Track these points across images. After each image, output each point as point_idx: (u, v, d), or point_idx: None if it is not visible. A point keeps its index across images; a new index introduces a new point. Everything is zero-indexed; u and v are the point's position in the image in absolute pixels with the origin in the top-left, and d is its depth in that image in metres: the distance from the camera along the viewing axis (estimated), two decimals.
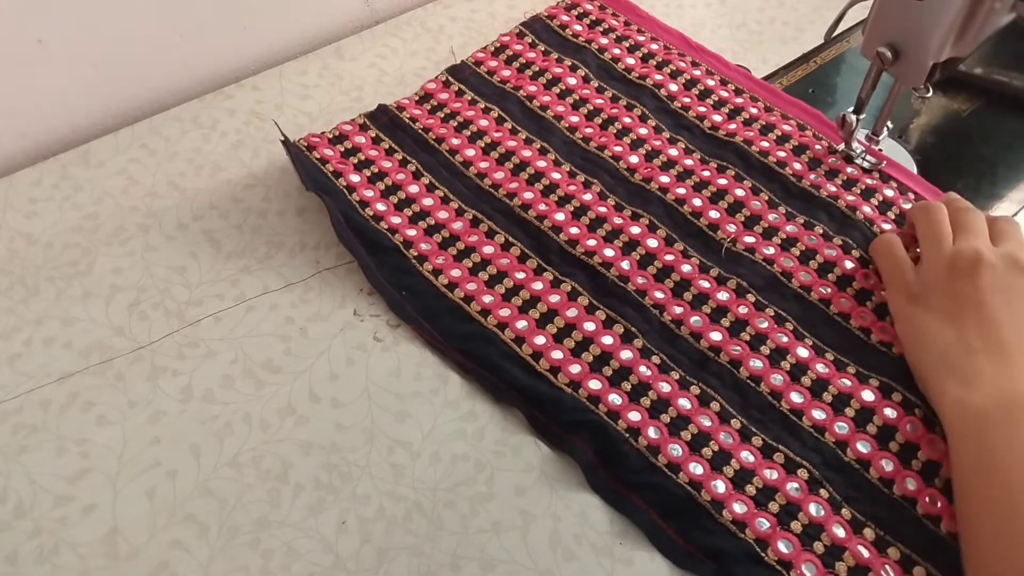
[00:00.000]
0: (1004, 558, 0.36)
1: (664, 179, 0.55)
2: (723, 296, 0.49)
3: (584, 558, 0.40)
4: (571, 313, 0.48)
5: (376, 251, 0.51)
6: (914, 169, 0.57)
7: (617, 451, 0.42)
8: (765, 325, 0.47)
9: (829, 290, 0.49)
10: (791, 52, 0.66)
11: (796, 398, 0.45)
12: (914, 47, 0.48)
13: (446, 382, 0.46)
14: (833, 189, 0.54)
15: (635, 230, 0.52)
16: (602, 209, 0.53)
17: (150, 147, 0.57)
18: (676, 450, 0.43)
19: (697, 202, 0.53)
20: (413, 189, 0.54)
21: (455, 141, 0.57)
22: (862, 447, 0.43)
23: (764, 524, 0.40)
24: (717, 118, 0.59)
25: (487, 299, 0.49)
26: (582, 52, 0.63)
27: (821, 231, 0.52)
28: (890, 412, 0.44)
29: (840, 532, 0.40)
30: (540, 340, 0.47)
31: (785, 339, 0.47)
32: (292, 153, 0.54)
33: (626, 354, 0.46)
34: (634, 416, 0.44)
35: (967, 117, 0.61)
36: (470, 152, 0.57)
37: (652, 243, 0.51)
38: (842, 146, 0.57)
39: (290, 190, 0.55)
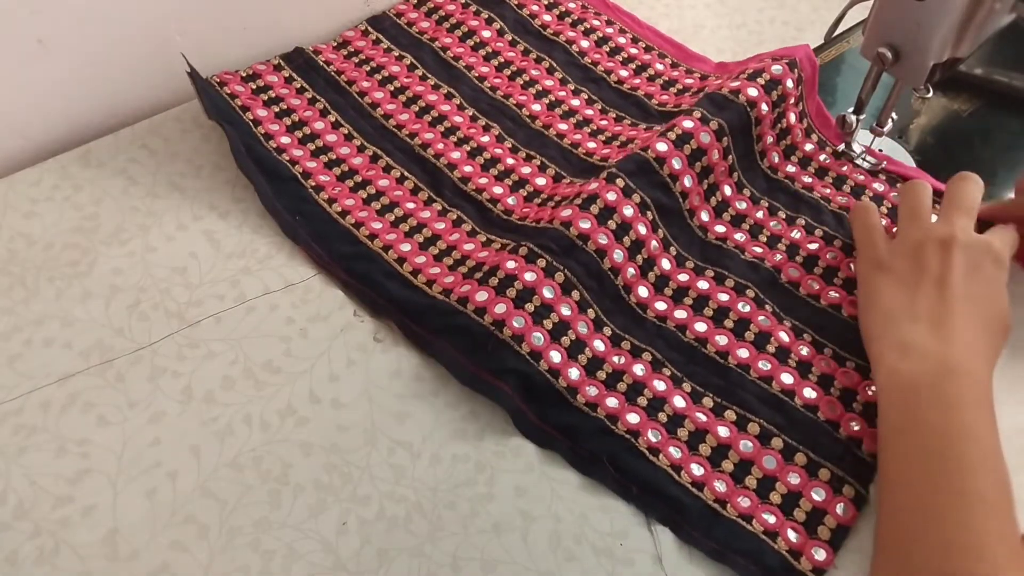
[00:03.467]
0: (919, 518, 0.37)
1: (562, 126, 0.58)
2: (593, 185, 0.51)
3: (584, 559, 0.40)
4: (453, 237, 0.52)
5: (274, 179, 0.53)
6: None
7: (483, 344, 0.45)
8: (631, 213, 0.50)
9: (691, 182, 0.52)
10: None
11: (643, 292, 0.49)
12: (914, 47, 0.48)
13: (446, 383, 0.46)
14: (820, 190, 0.56)
15: (526, 170, 0.55)
16: (498, 151, 0.57)
17: (150, 147, 0.57)
18: (538, 339, 0.45)
19: (592, 144, 0.57)
20: (319, 126, 0.57)
21: (365, 84, 0.60)
22: (699, 327, 0.48)
23: (613, 402, 0.44)
24: (624, 73, 0.62)
25: (376, 225, 0.52)
26: (501, 6, 0.66)
27: (803, 222, 0.54)
28: (723, 296, 0.49)
29: (680, 403, 0.45)
30: (420, 259, 0.50)
31: (644, 230, 0.50)
32: (197, 84, 0.56)
33: (497, 258, 0.49)
34: (499, 309, 0.45)
35: (967, 117, 0.61)
36: (379, 95, 0.60)
37: (540, 181, 0.55)
38: (842, 146, 0.57)
39: None
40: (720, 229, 0.53)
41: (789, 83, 0.55)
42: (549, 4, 0.67)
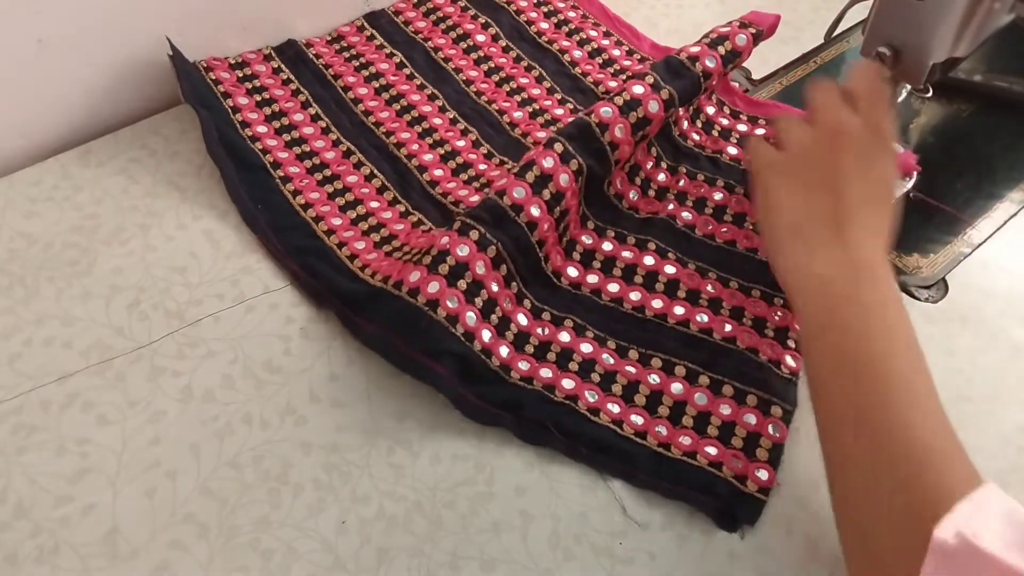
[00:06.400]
0: (851, 407, 0.38)
1: (541, 135, 0.58)
2: (531, 152, 0.50)
3: (584, 558, 0.40)
4: (411, 239, 0.51)
5: (243, 166, 0.54)
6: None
7: (417, 325, 0.44)
8: (566, 181, 0.49)
9: (628, 152, 0.51)
10: (791, 52, 0.66)
11: (557, 259, 0.50)
12: (914, 47, 0.48)
13: None
14: (711, 145, 0.57)
15: (495, 175, 0.55)
16: (472, 156, 0.57)
17: (150, 147, 0.57)
18: (471, 318, 0.45)
19: (553, 131, 0.53)
20: (298, 117, 0.58)
21: (351, 79, 0.61)
22: (612, 287, 0.50)
23: (547, 373, 0.46)
24: (613, 84, 0.61)
25: (336, 221, 0.52)
26: (499, 12, 0.66)
27: (703, 177, 0.55)
28: (627, 253, 0.51)
29: (609, 360, 0.47)
30: (371, 256, 0.50)
31: (573, 200, 0.50)
32: (178, 67, 0.56)
33: (444, 239, 0.47)
34: (433, 288, 0.44)
35: (967, 118, 0.61)
36: (362, 91, 0.60)
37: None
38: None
39: None
40: (624, 191, 0.54)
41: (745, 55, 0.55)
42: (548, 12, 0.66)
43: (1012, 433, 0.45)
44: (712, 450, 0.43)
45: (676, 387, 0.46)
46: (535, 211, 0.48)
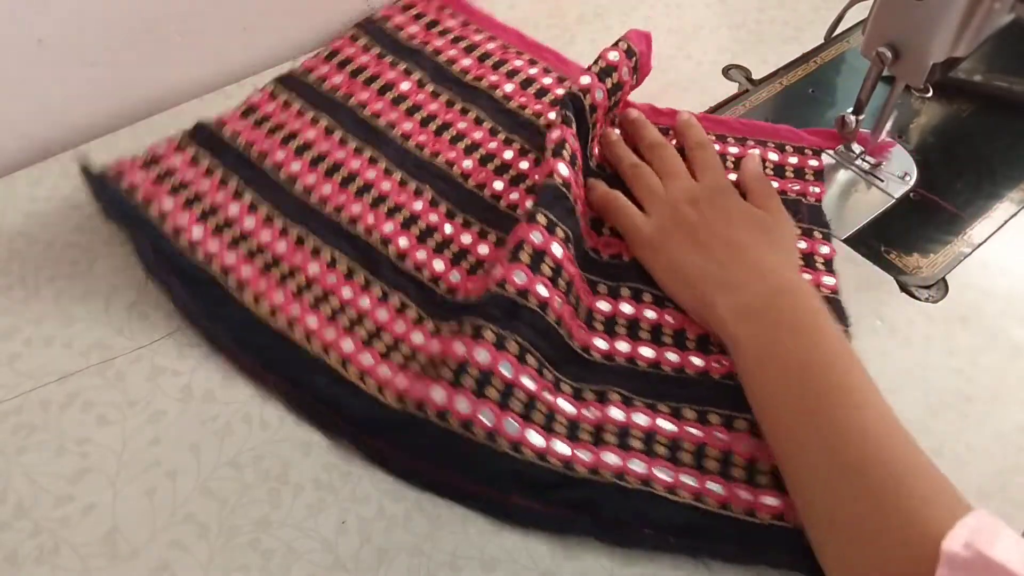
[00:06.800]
0: (801, 418, 0.39)
1: (498, 185, 0.54)
2: (518, 232, 0.47)
3: (584, 558, 0.40)
4: (399, 328, 0.46)
5: (192, 282, 0.47)
6: (914, 170, 0.57)
7: (456, 450, 0.41)
8: (560, 252, 0.46)
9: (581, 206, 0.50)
10: (791, 52, 0.66)
11: (582, 334, 0.47)
12: (914, 47, 0.48)
13: None
14: None
15: (466, 239, 0.51)
16: (433, 218, 0.52)
17: None
18: (513, 427, 0.41)
19: (529, 204, 0.49)
20: (233, 209, 0.50)
21: (280, 155, 0.53)
22: (646, 352, 0.47)
23: (613, 459, 0.41)
24: (552, 115, 0.57)
25: (311, 321, 0.46)
26: (417, 55, 0.61)
27: None
28: (650, 313, 0.48)
29: (670, 427, 0.43)
30: (367, 359, 0.45)
31: (572, 268, 0.47)
32: (92, 187, 0.48)
33: (460, 348, 0.43)
34: (462, 407, 0.41)
35: (967, 118, 0.61)
36: (296, 166, 0.53)
37: (483, 249, 0.51)
38: (842, 147, 0.57)
39: None
40: (604, 247, 0.52)
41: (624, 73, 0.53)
42: (468, 47, 0.62)
43: (1012, 433, 0.45)
44: (772, 500, 0.40)
45: (743, 444, 0.43)
46: (542, 291, 0.44)
